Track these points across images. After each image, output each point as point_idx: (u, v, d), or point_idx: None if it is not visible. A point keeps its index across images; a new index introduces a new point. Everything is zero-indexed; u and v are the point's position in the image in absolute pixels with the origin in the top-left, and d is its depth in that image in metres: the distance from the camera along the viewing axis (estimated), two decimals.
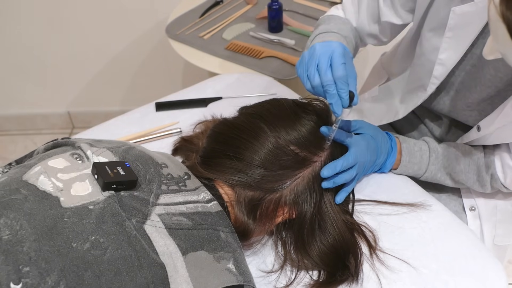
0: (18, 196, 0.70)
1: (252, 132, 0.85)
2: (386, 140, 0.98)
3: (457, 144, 1.01)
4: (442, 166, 0.99)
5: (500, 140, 0.94)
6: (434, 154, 0.99)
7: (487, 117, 0.94)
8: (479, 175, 0.98)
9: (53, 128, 2.42)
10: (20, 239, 0.65)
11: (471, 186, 1.00)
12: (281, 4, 1.55)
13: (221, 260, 0.74)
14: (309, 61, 0.86)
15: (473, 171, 0.98)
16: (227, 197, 0.83)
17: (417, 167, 0.99)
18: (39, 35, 2.09)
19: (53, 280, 0.62)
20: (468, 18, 0.88)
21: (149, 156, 0.83)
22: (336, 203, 0.89)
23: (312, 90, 0.87)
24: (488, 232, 1.08)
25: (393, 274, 0.84)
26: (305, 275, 0.85)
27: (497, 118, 0.90)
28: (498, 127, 0.90)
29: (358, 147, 0.89)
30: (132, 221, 0.71)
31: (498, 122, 0.90)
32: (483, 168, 0.97)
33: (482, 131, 0.95)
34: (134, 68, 2.22)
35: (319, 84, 0.84)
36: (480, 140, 0.97)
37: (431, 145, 1.00)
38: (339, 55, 0.85)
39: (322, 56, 0.85)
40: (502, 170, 0.95)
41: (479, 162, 0.98)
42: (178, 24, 1.64)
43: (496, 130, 0.91)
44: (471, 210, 1.07)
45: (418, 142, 1.00)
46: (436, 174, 1.00)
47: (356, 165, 0.89)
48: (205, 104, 1.22)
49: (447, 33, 0.92)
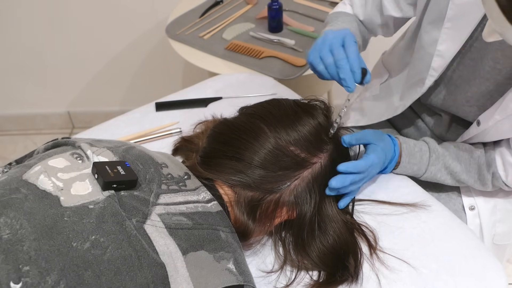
0: (18, 195, 0.70)
1: (252, 133, 0.85)
2: (391, 146, 0.97)
3: (457, 143, 1.01)
4: (443, 166, 0.99)
5: (500, 135, 0.94)
6: (435, 154, 0.99)
7: (487, 111, 0.95)
8: (480, 174, 0.98)
9: (53, 128, 2.42)
10: (20, 238, 0.65)
11: (472, 185, 1.00)
12: (281, 4, 1.55)
13: (221, 260, 0.74)
14: (322, 44, 0.91)
15: (474, 170, 0.98)
16: (227, 197, 0.83)
17: (416, 168, 0.99)
18: (39, 35, 2.09)
19: (53, 279, 0.62)
20: (466, 8, 0.90)
21: (149, 156, 0.83)
22: (339, 208, 0.89)
23: (325, 71, 0.90)
24: (488, 231, 1.08)
25: (393, 274, 0.84)
26: (305, 275, 0.85)
27: (496, 111, 0.90)
28: (498, 121, 0.91)
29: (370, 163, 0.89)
30: (132, 221, 0.71)
31: (497, 115, 0.90)
32: (484, 166, 0.97)
33: (482, 126, 0.95)
34: (134, 68, 2.22)
35: (332, 63, 0.88)
36: (480, 136, 0.98)
37: (431, 146, 1.00)
38: (351, 37, 0.90)
39: (334, 39, 0.90)
40: (503, 168, 0.96)
41: (480, 161, 0.98)
42: (178, 24, 1.64)
43: (495, 124, 0.92)
44: (471, 209, 1.07)
45: (418, 142, 1.00)
46: (436, 174, 1.00)
47: (365, 179, 0.89)
48: (205, 104, 1.23)
49: (446, 23, 0.93)
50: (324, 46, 0.90)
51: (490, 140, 0.98)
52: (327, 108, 0.93)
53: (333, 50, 0.89)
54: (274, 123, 0.85)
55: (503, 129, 0.92)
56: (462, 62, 0.99)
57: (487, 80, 0.96)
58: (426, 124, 1.18)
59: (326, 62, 0.90)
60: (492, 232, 1.09)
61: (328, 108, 0.93)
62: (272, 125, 0.85)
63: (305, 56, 1.47)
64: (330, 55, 0.89)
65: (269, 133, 0.84)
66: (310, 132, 0.85)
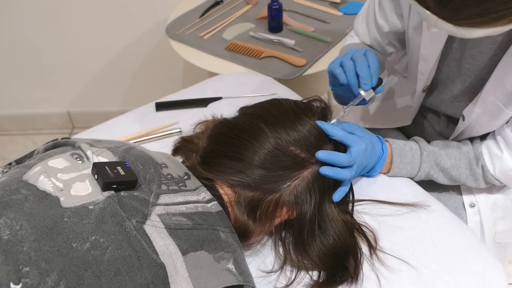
0: (18, 196, 0.70)
1: (252, 133, 0.85)
2: (378, 143, 0.97)
3: (446, 141, 1.03)
4: (434, 163, 1.00)
5: (484, 129, 0.98)
6: (425, 151, 0.99)
7: (469, 105, 0.98)
8: (471, 169, 0.99)
9: (53, 128, 2.42)
10: (20, 239, 0.65)
11: (465, 181, 1.01)
12: (281, 4, 1.55)
13: (221, 260, 0.74)
14: (344, 55, 0.95)
15: (465, 165, 0.99)
16: (227, 198, 0.83)
17: (409, 167, 1.00)
18: (39, 35, 2.09)
19: (53, 280, 0.62)
20: None
21: (149, 156, 0.83)
22: (334, 201, 0.88)
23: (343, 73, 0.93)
24: (488, 229, 1.08)
25: (393, 274, 0.84)
26: (305, 275, 0.85)
27: (476, 105, 0.94)
28: (480, 114, 0.94)
29: (358, 147, 0.89)
30: (132, 221, 0.71)
31: (477, 108, 0.94)
32: (474, 161, 0.99)
33: (466, 120, 0.99)
34: (134, 68, 2.22)
35: (351, 66, 0.93)
36: (467, 131, 1.01)
37: (421, 144, 1.01)
38: (372, 51, 0.96)
39: (357, 52, 0.95)
40: (491, 161, 0.97)
41: (469, 156, 0.99)
42: (178, 24, 1.64)
43: (478, 117, 0.95)
44: (471, 206, 1.08)
45: (408, 142, 1.01)
46: (429, 171, 1.00)
47: (356, 164, 0.89)
48: (205, 104, 1.23)
49: (424, 27, 0.97)
50: (346, 55, 0.95)
51: (477, 135, 1.01)
52: (327, 107, 0.93)
53: (355, 58, 0.93)
54: (274, 123, 0.85)
55: (486, 122, 0.96)
56: (447, 63, 1.02)
57: (469, 77, 1.00)
58: (429, 122, 1.20)
59: (346, 65, 0.93)
60: (493, 229, 1.09)
61: (328, 108, 0.93)
62: (272, 125, 0.85)
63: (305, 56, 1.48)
64: (351, 60, 0.93)
65: (269, 133, 0.84)
66: (310, 132, 0.85)
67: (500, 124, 0.95)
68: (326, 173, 0.84)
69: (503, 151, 0.95)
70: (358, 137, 0.90)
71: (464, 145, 1.00)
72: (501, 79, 0.90)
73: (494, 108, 0.92)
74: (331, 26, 1.61)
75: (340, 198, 0.89)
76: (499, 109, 0.92)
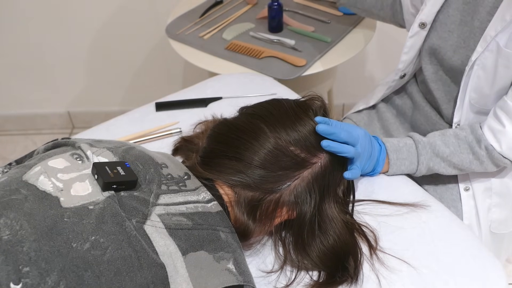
0: (18, 196, 0.70)
1: (252, 133, 0.85)
2: (373, 138, 0.98)
3: (442, 130, 1.03)
4: (433, 154, 0.99)
5: (489, 81, 1.01)
6: (420, 144, 0.99)
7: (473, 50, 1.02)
8: (474, 153, 0.99)
9: (53, 128, 2.42)
10: (20, 239, 0.65)
11: (470, 166, 1.00)
12: (281, 4, 1.55)
13: (221, 260, 0.74)
14: None
15: (466, 150, 0.99)
16: (227, 198, 0.83)
17: (408, 162, 1.00)
18: (40, 35, 2.09)
19: (53, 280, 0.62)
20: None
21: (149, 156, 0.83)
22: (345, 177, 0.88)
23: None
24: (484, 216, 1.09)
25: (393, 274, 0.84)
26: (305, 276, 0.85)
27: (479, 43, 0.99)
28: (481, 52, 0.99)
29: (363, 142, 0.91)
30: (132, 221, 0.71)
31: (479, 47, 0.99)
32: (475, 143, 0.98)
33: (468, 66, 1.02)
34: (134, 68, 2.22)
35: None
36: (470, 88, 1.04)
37: (415, 137, 1.01)
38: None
39: None
40: (495, 139, 0.96)
41: (468, 139, 0.99)
42: (178, 24, 1.64)
43: (481, 62, 1.00)
44: (466, 190, 1.09)
45: (401, 139, 1.01)
46: (428, 164, 1.00)
47: (358, 144, 0.89)
48: (205, 104, 1.23)
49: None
50: None
51: (481, 94, 1.04)
52: (325, 105, 0.92)
53: None
54: (274, 123, 0.85)
55: (488, 68, 1.00)
56: None
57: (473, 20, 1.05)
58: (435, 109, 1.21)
59: None
60: (489, 217, 1.09)
61: (325, 106, 0.93)
62: (272, 125, 0.85)
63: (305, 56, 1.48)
64: None
65: (269, 133, 0.84)
66: (310, 132, 0.85)
67: (500, 77, 0.98)
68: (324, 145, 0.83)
69: (505, 125, 0.95)
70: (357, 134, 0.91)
71: (461, 130, 1.00)
72: (502, 14, 0.94)
73: (494, 47, 0.96)
74: (331, 26, 1.61)
75: (353, 176, 0.89)
76: (497, 47, 0.95)
